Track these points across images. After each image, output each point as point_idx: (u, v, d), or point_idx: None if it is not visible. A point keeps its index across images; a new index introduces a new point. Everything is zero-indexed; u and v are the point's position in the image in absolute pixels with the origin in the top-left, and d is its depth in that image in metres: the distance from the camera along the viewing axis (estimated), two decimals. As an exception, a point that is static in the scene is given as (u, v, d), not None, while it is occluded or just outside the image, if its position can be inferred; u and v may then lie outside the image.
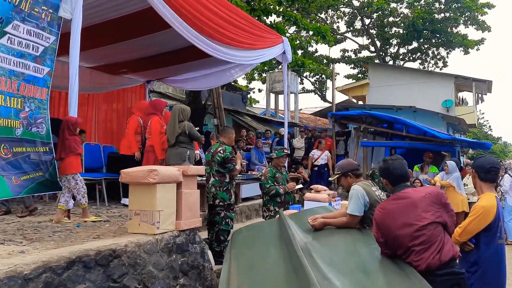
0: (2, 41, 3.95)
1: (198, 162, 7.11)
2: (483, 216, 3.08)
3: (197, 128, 6.28)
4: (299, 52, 21.59)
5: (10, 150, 3.98)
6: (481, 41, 26.14)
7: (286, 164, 7.20)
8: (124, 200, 6.17)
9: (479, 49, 26.38)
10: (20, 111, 4.13)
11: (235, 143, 8.32)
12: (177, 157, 5.74)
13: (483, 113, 40.39)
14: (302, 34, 19.76)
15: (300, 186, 6.95)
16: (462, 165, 10.79)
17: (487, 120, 44.19)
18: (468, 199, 8.26)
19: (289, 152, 8.31)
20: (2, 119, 3.96)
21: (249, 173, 8.77)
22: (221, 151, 5.37)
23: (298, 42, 17.58)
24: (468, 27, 26.23)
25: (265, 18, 12.14)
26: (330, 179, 5.34)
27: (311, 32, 14.36)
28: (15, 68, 4.07)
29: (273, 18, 13.46)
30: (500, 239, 3.12)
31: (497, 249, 3.12)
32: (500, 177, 8.78)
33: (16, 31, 4.05)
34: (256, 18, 10.91)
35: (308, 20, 15.59)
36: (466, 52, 26.47)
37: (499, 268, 3.15)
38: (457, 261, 2.85)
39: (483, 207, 3.12)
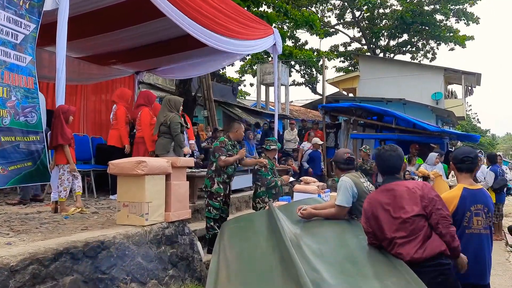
0: None
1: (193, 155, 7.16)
2: None
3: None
4: (290, 43, 21.46)
5: None
6: (471, 37, 26.23)
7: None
8: (113, 197, 6.11)
9: (466, 43, 26.39)
10: (7, 100, 4.07)
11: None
12: (161, 148, 5.78)
13: (470, 106, 40.81)
14: (291, 25, 19.60)
15: (292, 179, 6.98)
16: None
17: (476, 113, 44.61)
18: None
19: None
20: (-13, 108, 3.90)
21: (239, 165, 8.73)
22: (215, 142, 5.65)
23: (287, 30, 17.44)
24: (458, 22, 26.27)
25: (255, 9, 12.05)
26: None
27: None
28: None
29: (263, 9, 13.37)
30: (468, 229, 3.07)
31: (464, 240, 3.03)
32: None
33: None
34: (246, 8, 10.83)
35: (299, 12, 15.47)
36: (462, 45, 26.17)
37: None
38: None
39: (442, 198, 3.13)
